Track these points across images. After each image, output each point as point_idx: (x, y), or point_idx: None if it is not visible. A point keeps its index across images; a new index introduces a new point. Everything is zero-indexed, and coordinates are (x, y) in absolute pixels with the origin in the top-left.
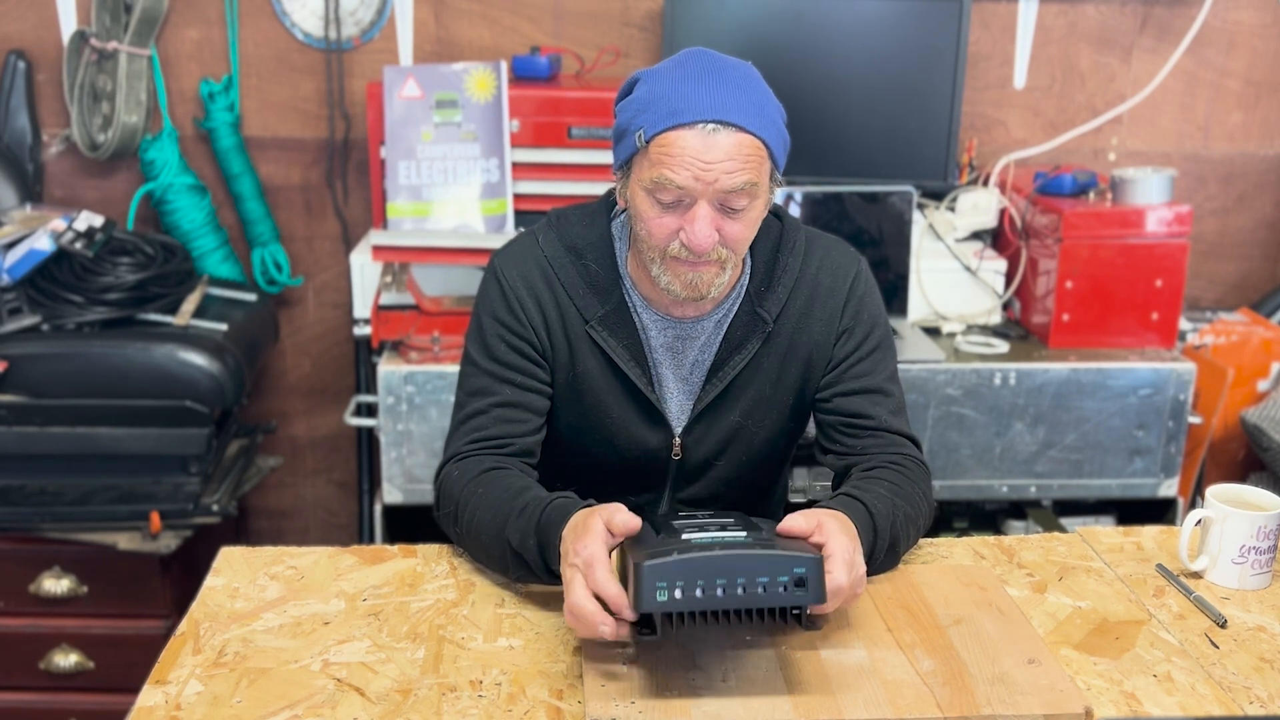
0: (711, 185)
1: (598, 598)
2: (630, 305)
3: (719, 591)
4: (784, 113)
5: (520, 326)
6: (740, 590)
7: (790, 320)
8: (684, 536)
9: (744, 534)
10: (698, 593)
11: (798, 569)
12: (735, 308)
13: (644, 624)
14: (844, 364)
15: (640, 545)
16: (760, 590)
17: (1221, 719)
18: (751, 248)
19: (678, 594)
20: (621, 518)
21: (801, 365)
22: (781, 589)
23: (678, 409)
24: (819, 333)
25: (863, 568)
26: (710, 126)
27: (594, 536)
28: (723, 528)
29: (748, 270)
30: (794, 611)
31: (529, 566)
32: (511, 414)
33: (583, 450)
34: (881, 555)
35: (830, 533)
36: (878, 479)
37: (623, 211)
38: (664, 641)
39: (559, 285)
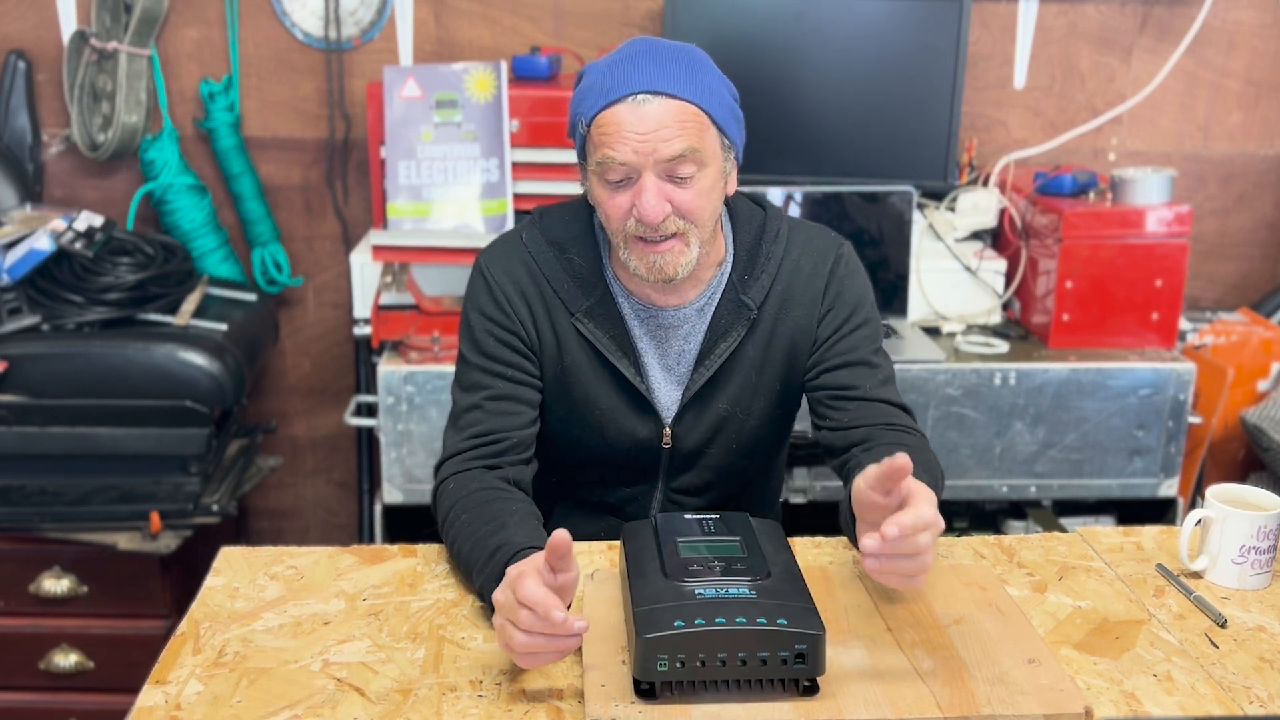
0: (650, 156)
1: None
2: (614, 296)
3: (720, 663)
4: (734, 90)
5: (508, 320)
6: (741, 663)
7: (773, 307)
8: (687, 585)
9: (748, 586)
10: (698, 663)
11: (799, 645)
12: (718, 296)
13: (643, 679)
14: (828, 341)
15: (642, 581)
16: (761, 663)
17: (1221, 719)
18: (734, 236)
19: (679, 665)
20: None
21: (786, 351)
22: (782, 662)
23: (666, 399)
24: (801, 318)
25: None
26: (640, 97)
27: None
28: (728, 567)
29: (730, 258)
30: (794, 679)
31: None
32: (505, 406)
33: (574, 443)
34: None
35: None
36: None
37: None
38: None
39: (543, 279)
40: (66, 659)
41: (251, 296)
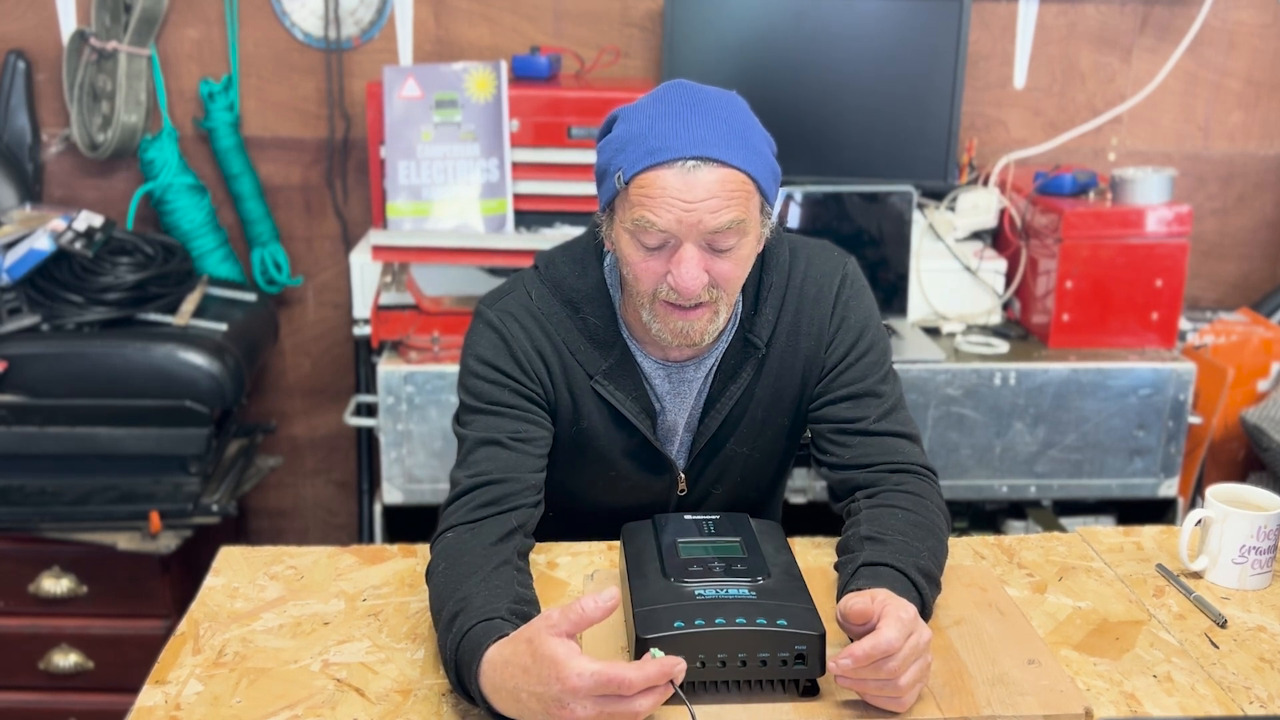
0: (695, 226)
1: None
2: (632, 355)
3: (720, 664)
4: (773, 143)
5: (529, 379)
6: (741, 664)
7: (781, 339)
8: (687, 585)
9: (748, 587)
10: (698, 664)
11: (799, 646)
12: (729, 338)
13: None
14: (834, 370)
15: (643, 581)
16: (761, 664)
17: (1221, 719)
18: None
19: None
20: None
21: (797, 382)
22: (782, 663)
23: (679, 447)
24: (809, 347)
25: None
26: (690, 164)
27: (550, 664)
28: (728, 568)
29: (739, 296)
30: (794, 679)
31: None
32: (519, 448)
33: (583, 496)
34: (932, 603)
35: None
36: (892, 516)
37: (609, 253)
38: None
39: (561, 343)
40: (66, 659)
41: (251, 296)
